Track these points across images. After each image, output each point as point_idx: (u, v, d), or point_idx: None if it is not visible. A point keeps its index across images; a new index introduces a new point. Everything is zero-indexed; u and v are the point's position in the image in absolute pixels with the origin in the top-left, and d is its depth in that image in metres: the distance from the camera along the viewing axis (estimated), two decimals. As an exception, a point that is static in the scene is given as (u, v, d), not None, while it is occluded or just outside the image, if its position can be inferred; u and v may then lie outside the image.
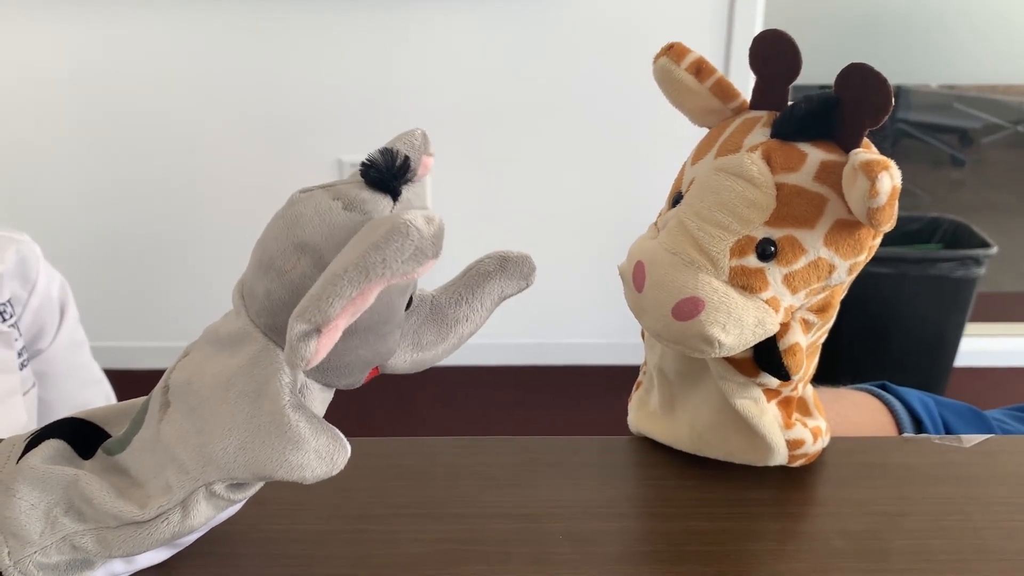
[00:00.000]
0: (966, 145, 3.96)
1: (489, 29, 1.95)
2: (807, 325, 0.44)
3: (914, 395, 0.61)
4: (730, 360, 0.45)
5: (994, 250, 1.90)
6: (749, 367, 0.44)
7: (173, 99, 2.01)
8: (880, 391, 0.62)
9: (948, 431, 0.59)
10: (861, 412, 0.60)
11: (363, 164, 0.35)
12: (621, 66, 1.97)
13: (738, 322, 0.41)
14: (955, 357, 2.03)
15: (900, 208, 0.39)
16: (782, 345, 0.43)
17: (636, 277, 0.43)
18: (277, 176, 2.06)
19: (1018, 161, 4.08)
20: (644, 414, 0.52)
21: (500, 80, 2.00)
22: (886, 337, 1.97)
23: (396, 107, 2.00)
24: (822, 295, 0.44)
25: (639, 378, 0.54)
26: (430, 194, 2.09)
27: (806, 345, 0.44)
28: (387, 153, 0.35)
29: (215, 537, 0.42)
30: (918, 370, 2.01)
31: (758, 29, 1.96)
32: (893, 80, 0.39)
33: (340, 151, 2.04)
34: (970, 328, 2.05)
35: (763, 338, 0.42)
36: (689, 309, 0.40)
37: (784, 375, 0.43)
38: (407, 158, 0.35)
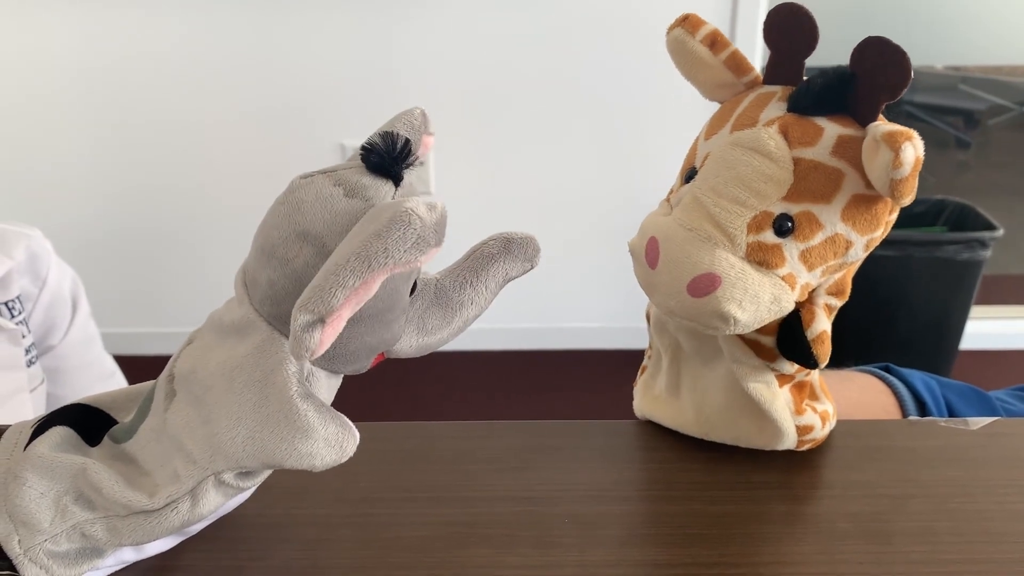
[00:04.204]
0: (972, 127, 3.93)
1: (491, 10, 1.94)
2: (830, 311, 0.44)
3: (917, 377, 0.61)
4: (749, 343, 0.44)
5: (1000, 232, 1.90)
6: (768, 352, 0.44)
7: (174, 89, 2.00)
8: (884, 373, 0.62)
9: (951, 412, 0.59)
10: (866, 394, 0.60)
11: (363, 148, 0.35)
12: (625, 48, 1.95)
13: (754, 299, 0.40)
14: (960, 340, 2.03)
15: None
16: (810, 334, 0.43)
17: (649, 253, 0.43)
18: (280, 162, 2.05)
19: (1024, 143, 4.06)
20: (650, 398, 0.52)
21: (502, 62, 1.99)
22: (891, 320, 1.97)
23: (398, 90, 1.99)
24: (839, 274, 0.43)
25: (644, 363, 0.54)
26: (433, 178, 2.08)
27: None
28: (387, 137, 0.35)
29: (221, 522, 0.43)
30: (923, 353, 2.00)
31: (762, 8, 1.95)
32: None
33: (343, 136, 2.04)
34: (975, 311, 2.05)
35: (778, 316, 0.42)
36: (705, 285, 0.40)
37: (813, 363, 0.43)
38: (408, 141, 0.35)
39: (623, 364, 2.11)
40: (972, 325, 2.07)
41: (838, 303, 0.44)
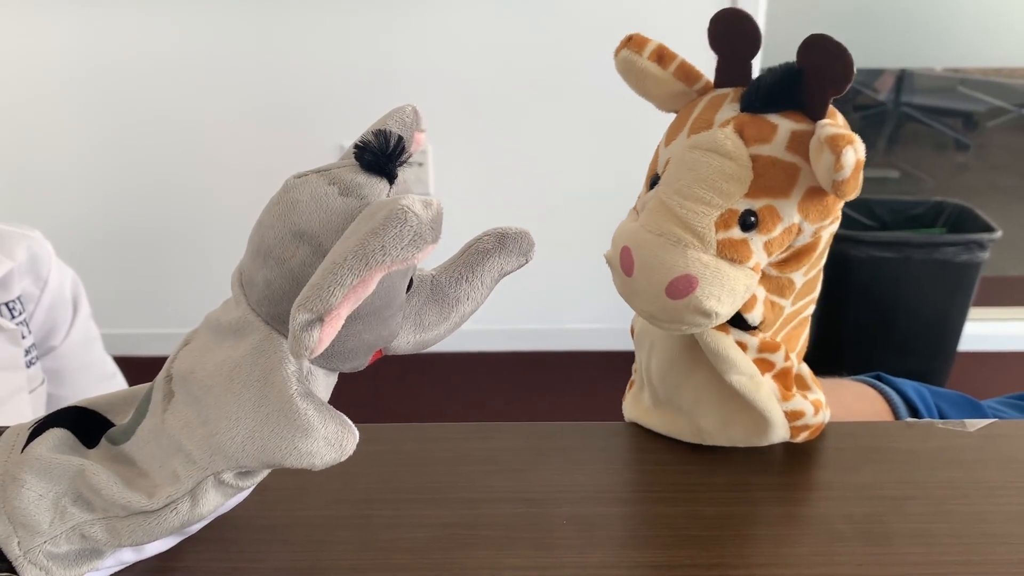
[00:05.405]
0: (970, 128, 3.93)
1: (491, 10, 1.94)
2: (765, 276, 0.45)
3: (909, 385, 0.62)
4: (719, 328, 0.45)
5: (998, 234, 1.90)
6: (725, 326, 0.45)
7: (174, 89, 2.00)
8: (875, 381, 0.62)
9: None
10: (859, 401, 0.60)
11: (356, 147, 0.35)
12: (624, 50, 1.95)
13: (731, 292, 0.42)
14: (959, 341, 2.03)
15: (905, 192, 0.39)
16: None
17: (624, 262, 0.44)
18: (280, 162, 2.05)
19: (1023, 144, 4.06)
20: (641, 410, 0.52)
21: (502, 62, 1.99)
22: (890, 322, 1.97)
23: (398, 91, 1.99)
24: (784, 254, 0.45)
25: (632, 377, 0.55)
26: (432, 178, 2.08)
27: (767, 299, 0.45)
28: (380, 135, 0.35)
29: (220, 523, 0.43)
30: (922, 354, 2.01)
31: (761, 12, 1.95)
32: (898, 64, 0.39)
33: (342, 136, 2.04)
34: (974, 312, 2.05)
35: (746, 300, 0.43)
36: (683, 287, 0.41)
37: (744, 323, 0.44)
38: (401, 138, 0.35)
39: (622, 365, 2.09)
40: (971, 327, 2.07)
41: (775, 272, 0.45)
